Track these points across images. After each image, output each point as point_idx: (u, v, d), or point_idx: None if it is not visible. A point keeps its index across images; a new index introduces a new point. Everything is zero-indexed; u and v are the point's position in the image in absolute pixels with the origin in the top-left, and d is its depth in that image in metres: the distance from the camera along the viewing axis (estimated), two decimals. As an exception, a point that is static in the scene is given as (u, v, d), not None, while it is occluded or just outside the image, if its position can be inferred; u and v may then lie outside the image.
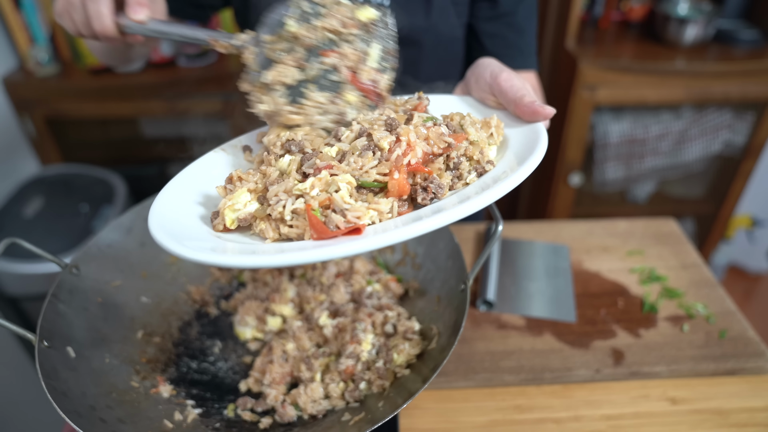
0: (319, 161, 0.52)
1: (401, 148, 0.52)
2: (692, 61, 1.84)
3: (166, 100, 1.83)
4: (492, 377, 0.84)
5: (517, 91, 0.61)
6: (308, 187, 0.50)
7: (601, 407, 0.82)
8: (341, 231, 0.47)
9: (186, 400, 0.68)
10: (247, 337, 0.79)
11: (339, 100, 0.59)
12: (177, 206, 0.57)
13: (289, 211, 0.50)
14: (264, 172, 0.56)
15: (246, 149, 0.67)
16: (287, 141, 0.56)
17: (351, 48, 0.59)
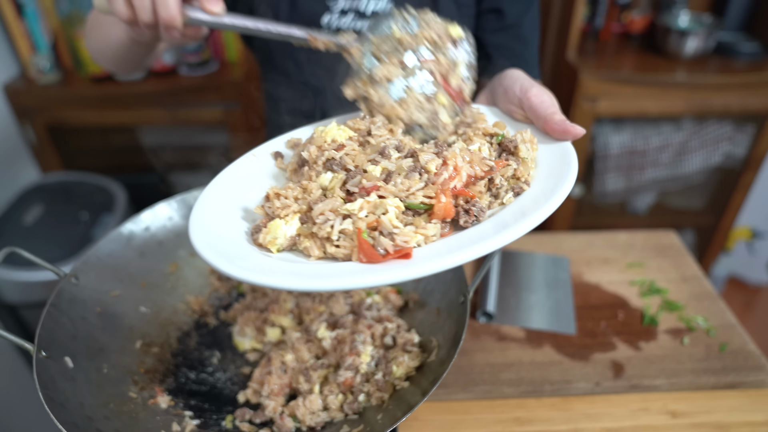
0: (365, 181, 0.52)
1: (448, 172, 0.52)
2: (693, 73, 1.85)
3: (167, 109, 1.84)
4: (491, 389, 0.84)
5: (547, 107, 0.61)
6: (357, 209, 0.50)
7: (601, 420, 0.82)
8: (391, 255, 0.47)
9: (184, 411, 0.67)
10: (246, 347, 0.79)
11: (433, 101, 0.63)
12: (217, 219, 0.56)
13: (337, 231, 0.50)
14: (305, 187, 0.55)
15: (277, 156, 0.67)
16: (329, 160, 0.55)
17: (444, 57, 0.64)
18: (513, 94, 0.66)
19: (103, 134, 2.02)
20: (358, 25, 0.93)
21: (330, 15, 0.93)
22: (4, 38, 1.79)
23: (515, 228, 0.46)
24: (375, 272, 0.45)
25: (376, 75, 0.62)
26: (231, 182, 0.62)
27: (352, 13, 0.93)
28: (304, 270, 0.49)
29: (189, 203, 0.84)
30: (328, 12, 0.93)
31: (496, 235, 0.46)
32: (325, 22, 0.93)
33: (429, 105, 0.63)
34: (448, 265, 0.45)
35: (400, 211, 0.50)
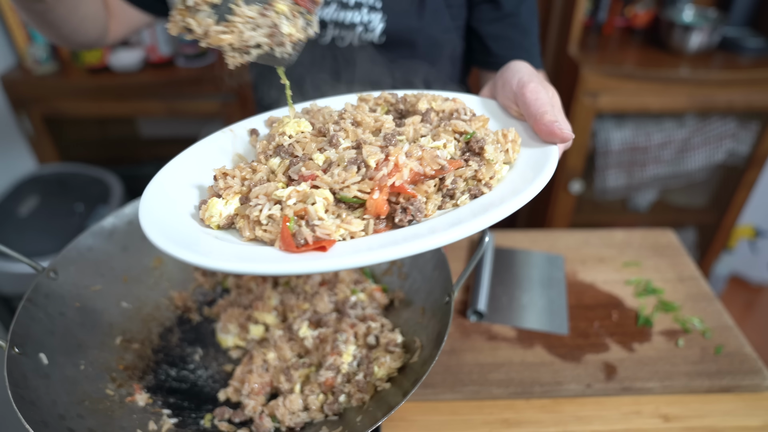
0: (304, 169, 0.52)
1: (388, 168, 0.50)
2: (696, 68, 1.82)
3: (164, 100, 1.82)
4: (480, 390, 0.82)
5: (540, 106, 0.57)
6: (286, 196, 0.50)
7: (591, 423, 0.80)
8: (309, 246, 0.47)
9: (162, 410, 0.66)
10: (229, 344, 0.77)
11: (270, 11, 0.55)
12: (173, 190, 0.57)
13: (265, 216, 0.50)
14: (254, 168, 0.57)
15: (253, 133, 0.68)
16: (278, 146, 0.56)
17: None
18: (510, 88, 0.63)
19: (100, 125, 2.01)
20: (341, 16, 0.91)
21: None
22: (0, 29, 1.78)
23: (445, 233, 0.45)
24: (286, 261, 0.45)
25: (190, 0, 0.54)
26: (200, 156, 0.63)
27: (335, 3, 0.91)
28: (223, 250, 0.49)
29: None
30: None
31: (424, 238, 0.45)
32: None
33: (264, 19, 0.55)
34: (357, 263, 0.44)
35: (329, 202, 0.50)
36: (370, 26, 0.91)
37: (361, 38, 0.93)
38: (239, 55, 0.57)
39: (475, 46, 0.98)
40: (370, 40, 0.93)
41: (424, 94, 0.65)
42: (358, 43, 0.94)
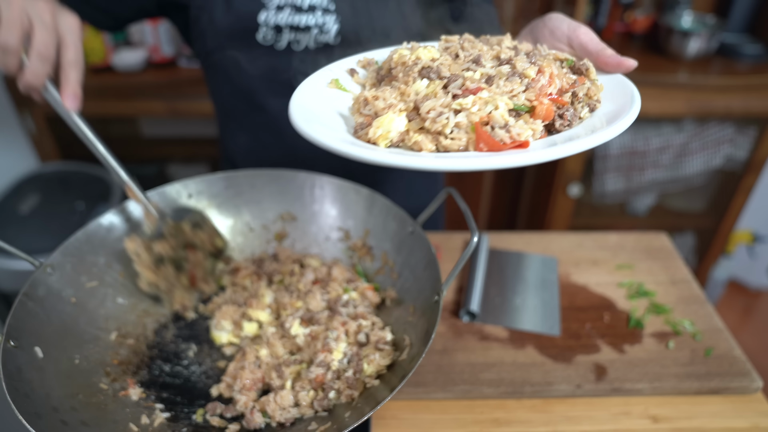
0: (470, 83, 0.55)
1: (545, 78, 0.57)
2: (695, 74, 1.83)
3: (166, 100, 1.84)
4: (471, 389, 0.83)
5: (597, 43, 0.68)
6: (470, 103, 0.53)
7: (581, 423, 0.81)
8: (508, 145, 0.51)
9: (155, 404, 0.67)
10: (223, 341, 0.78)
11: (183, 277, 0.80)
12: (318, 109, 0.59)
13: (452, 124, 0.52)
14: (403, 91, 0.57)
15: (353, 72, 0.70)
16: (424, 68, 0.58)
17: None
18: (561, 32, 0.71)
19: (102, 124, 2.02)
20: (295, 20, 0.92)
21: (266, 12, 0.92)
22: (3, 27, 1.80)
23: (605, 131, 0.51)
24: (502, 155, 0.49)
25: (157, 248, 0.76)
26: (316, 90, 0.64)
27: (289, 7, 0.92)
28: (424, 155, 0.52)
29: (169, 196, 0.83)
30: (264, 9, 0.92)
31: (593, 134, 0.50)
32: (262, 19, 0.92)
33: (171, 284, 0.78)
34: (566, 152, 0.48)
35: (509, 108, 0.54)
36: (324, 28, 0.93)
37: (316, 40, 0.95)
38: None
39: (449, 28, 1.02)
40: (326, 41, 0.95)
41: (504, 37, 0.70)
42: (314, 45, 0.95)
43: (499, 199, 2.42)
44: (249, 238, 0.88)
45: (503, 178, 2.32)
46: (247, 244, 0.87)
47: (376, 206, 0.81)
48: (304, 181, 0.86)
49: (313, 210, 0.86)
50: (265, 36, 0.94)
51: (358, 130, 0.56)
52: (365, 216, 0.82)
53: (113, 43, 1.83)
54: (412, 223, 0.76)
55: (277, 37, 0.94)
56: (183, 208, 0.81)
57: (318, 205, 0.86)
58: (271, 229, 0.88)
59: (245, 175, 0.86)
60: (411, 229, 0.76)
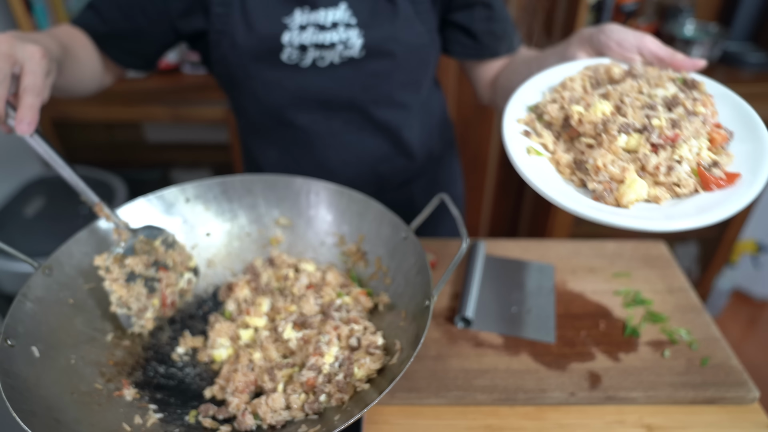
0: (667, 131, 0.62)
1: (710, 110, 0.66)
2: (697, 83, 1.83)
3: (169, 106, 1.86)
4: (464, 395, 0.83)
5: (666, 49, 0.76)
6: (686, 153, 0.61)
7: (574, 431, 0.81)
8: (729, 178, 0.59)
9: (148, 405, 0.68)
10: (223, 358, 0.77)
11: (151, 298, 0.79)
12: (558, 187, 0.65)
13: (684, 174, 0.61)
14: (614, 150, 0.64)
15: (527, 134, 0.74)
16: (623, 125, 0.64)
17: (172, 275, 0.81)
18: (629, 43, 0.78)
19: (107, 129, 2.05)
20: (320, 38, 0.94)
21: (290, 33, 0.94)
22: (12, 33, 1.82)
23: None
24: (740, 192, 0.58)
25: (128, 262, 0.76)
26: (526, 163, 0.68)
27: (312, 27, 0.94)
28: (682, 210, 0.59)
29: (167, 200, 0.85)
30: (287, 30, 0.94)
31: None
32: (286, 40, 0.94)
33: (142, 302, 0.77)
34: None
35: (706, 147, 0.62)
36: (349, 43, 0.96)
37: (341, 55, 0.97)
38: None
39: (464, 42, 1.07)
40: (351, 56, 0.97)
41: (609, 63, 0.78)
42: (339, 60, 0.97)
43: (501, 206, 2.42)
44: (245, 242, 0.88)
45: (505, 186, 2.33)
46: (243, 249, 0.88)
47: (370, 212, 0.82)
48: (300, 186, 0.87)
49: (309, 215, 0.87)
50: (290, 56, 0.96)
51: (605, 195, 0.62)
52: (359, 222, 0.83)
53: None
54: (405, 228, 0.76)
55: (302, 56, 0.97)
56: (154, 228, 0.81)
57: (314, 211, 0.87)
58: (267, 234, 0.89)
59: (242, 180, 0.87)
60: (404, 235, 0.76)
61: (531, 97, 0.79)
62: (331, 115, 1.07)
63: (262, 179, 0.88)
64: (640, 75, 0.75)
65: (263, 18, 0.95)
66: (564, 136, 0.72)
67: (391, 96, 1.07)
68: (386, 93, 1.06)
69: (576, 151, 0.69)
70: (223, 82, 1.09)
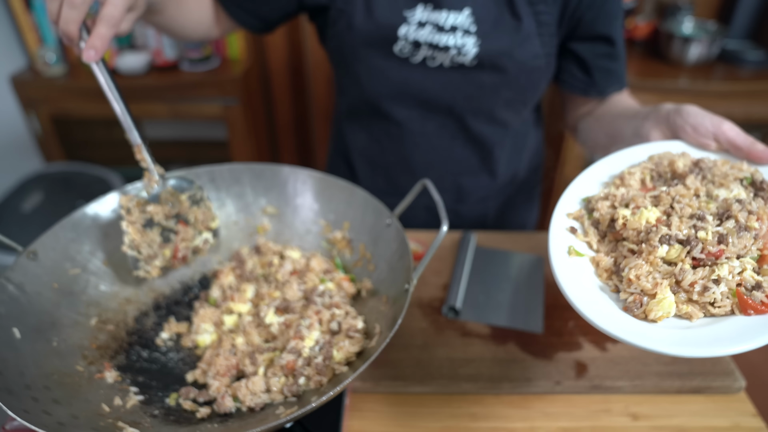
0: (711, 247, 0.59)
1: (765, 225, 0.60)
2: (696, 80, 1.83)
3: (168, 103, 1.87)
4: (449, 384, 0.83)
5: (745, 138, 0.71)
6: (727, 273, 0.57)
7: (559, 419, 0.80)
8: (766, 305, 0.55)
9: (129, 387, 0.68)
10: (207, 343, 0.78)
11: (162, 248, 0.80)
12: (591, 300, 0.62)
13: (719, 294, 0.57)
14: (653, 262, 0.62)
15: (573, 230, 0.72)
16: (663, 236, 0.62)
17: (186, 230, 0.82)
18: (705, 129, 0.74)
19: (106, 126, 2.06)
20: (435, 38, 0.95)
21: (407, 26, 0.95)
22: (12, 31, 1.84)
23: None
24: None
25: (150, 209, 0.78)
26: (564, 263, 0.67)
27: (431, 25, 0.95)
28: (709, 334, 0.55)
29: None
30: (405, 24, 0.95)
31: None
32: (402, 33, 0.95)
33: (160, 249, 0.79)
34: None
35: (752, 267, 0.58)
36: (463, 50, 0.96)
37: (452, 60, 0.97)
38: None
39: (575, 74, 1.05)
40: (462, 62, 0.97)
41: (676, 155, 0.73)
42: (449, 64, 0.98)
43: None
44: (233, 231, 0.89)
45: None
46: (230, 237, 0.89)
47: (355, 199, 0.82)
48: (287, 175, 0.87)
49: (295, 204, 0.88)
50: (402, 49, 0.97)
51: (633, 308, 0.60)
52: (345, 209, 0.83)
53: (117, 46, 1.87)
54: (389, 215, 0.77)
55: (414, 52, 0.97)
56: (187, 180, 0.82)
57: (300, 199, 0.87)
58: (254, 223, 0.89)
59: (229, 169, 0.88)
60: (388, 222, 0.77)
61: (587, 189, 0.76)
62: (428, 116, 1.07)
63: (249, 168, 0.88)
64: (707, 168, 0.70)
65: (385, 6, 0.95)
66: (610, 236, 0.69)
67: (492, 111, 1.07)
68: (488, 107, 1.06)
69: (618, 254, 0.67)
70: (332, 58, 1.10)
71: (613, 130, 0.94)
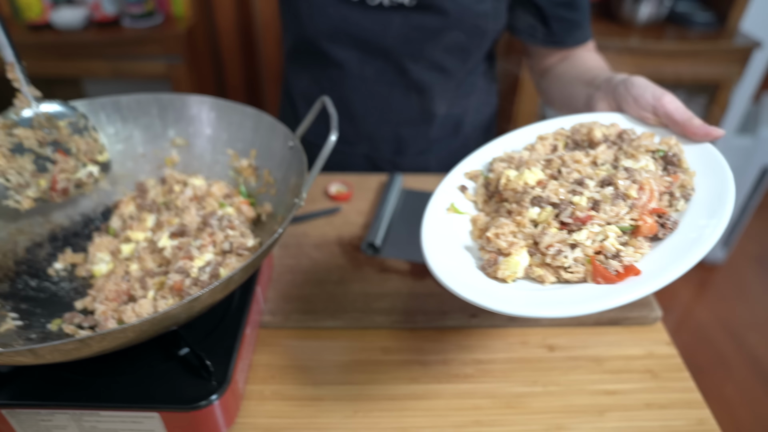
0: (579, 212, 0.57)
1: (646, 195, 0.58)
2: (646, 39, 1.82)
3: (109, 61, 1.80)
4: (362, 317, 0.81)
5: (683, 113, 0.66)
6: (584, 239, 0.56)
7: (474, 352, 0.79)
8: (622, 274, 0.52)
9: (9, 313, 0.64)
10: (104, 272, 0.75)
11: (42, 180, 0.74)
12: (445, 253, 0.62)
13: (572, 259, 0.55)
14: (519, 222, 0.61)
15: (463, 189, 0.72)
16: (535, 198, 0.61)
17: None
18: (645, 101, 0.70)
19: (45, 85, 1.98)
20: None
21: None
22: (-60, -18, 1.76)
23: (714, 227, 0.52)
24: (619, 291, 0.51)
25: (17, 131, 0.71)
26: (439, 220, 0.67)
27: None
28: (552, 297, 0.54)
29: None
30: None
31: (702, 237, 0.52)
32: None
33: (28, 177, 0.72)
34: (678, 274, 0.50)
35: (617, 235, 0.56)
36: None
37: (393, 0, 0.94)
38: None
39: (532, 23, 1.02)
40: (401, 2, 0.94)
41: (593, 123, 0.71)
42: (389, 3, 0.95)
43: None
44: (139, 163, 0.85)
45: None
46: (137, 170, 0.85)
47: (262, 125, 0.79)
48: (195, 105, 0.83)
49: (205, 134, 0.84)
50: None
51: (486, 267, 0.59)
52: (253, 137, 0.80)
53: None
54: (292, 137, 0.74)
55: None
56: (67, 107, 0.76)
57: (209, 129, 0.83)
58: (163, 155, 0.85)
59: (137, 99, 0.84)
60: (291, 144, 0.74)
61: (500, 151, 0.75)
62: (366, 59, 1.04)
63: (157, 99, 0.84)
64: (628, 140, 0.68)
65: None
66: (497, 197, 0.68)
67: (432, 56, 1.03)
68: (428, 52, 1.02)
69: (498, 215, 0.65)
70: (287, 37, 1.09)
71: (569, 95, 0.91)
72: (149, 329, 0.50)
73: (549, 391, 0.74)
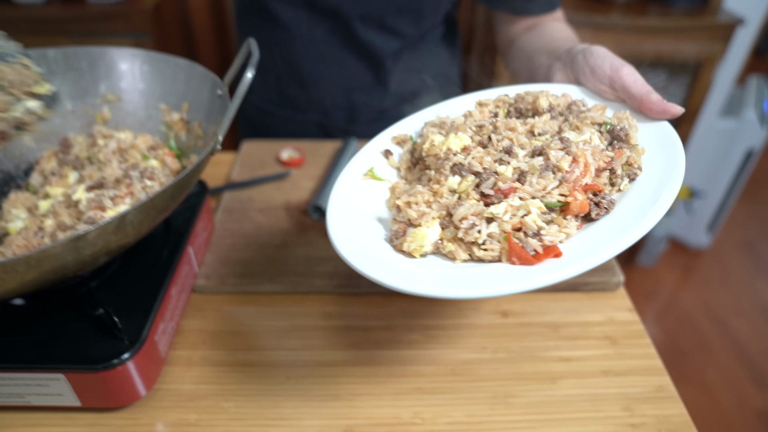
0: (501, 183, 0.52)
1: (579, 169, 0.52)
2: (627, 15, 1.78)
3: (73, 37, 1.75)
4: (302, 281, 0.76)
5: (641, 87, 0.61)
6: (501, 212, 0.50)
7: (421, 318, 0.74)
8: (542, 255, 0.47)
9: None
10: (19, 229, 0.69)
11: None
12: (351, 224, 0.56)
13: (485, 235, 0.50)
14: (435, 191, 0.56)
15: (388, 154, 0.66)
16: (455, 165, 0.55)
17: None
18: (603, 73, 0.64)
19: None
20: None
21: None
22: None
23: (652, 213, 0.47)
24: (532, 274, 0.46)
25: None
26: (353, 185, 0.62)
27: None
28: (457, 276, 0.49)
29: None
30: None
31: (636, 223, 0.46)
32: None
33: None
34: (602, 260, 0.45)
35: (541, 211, 0.51)
36: None
37: None
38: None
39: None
40: None
41: (540, 91, 0.65)
42: None
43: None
44: (68, 120, 0.80)
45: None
46: (65, 126, 0.79)
47: (194, 77, 0.74)
48: (128, 58, 0.78)
49: (138, 89, 0.79)
50: None
51: (393, 238, 0.54)
52: (185, 90, 0.75)
53: (14, -28, 1.74)
54: (221, 85, 0.68)
55: None
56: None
57: (142, 84, 0.78)
58: (93, 112, 0.80)
59: (64, 53, 0.78)
60: (219, 93, 0.69)
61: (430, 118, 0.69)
62: (315, 19, 0.98)
63: (87, 52, 0.79)
64: (576, 112, 0.62)
65: None
66: (421, 164, 0.63)
67: (382, 18, 0.97)
68: (378, 13, 0.97)
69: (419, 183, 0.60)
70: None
71: (532, 65, 0.86)
72: (26, 272, 0.45)
73: (498, 357, 0.69)
